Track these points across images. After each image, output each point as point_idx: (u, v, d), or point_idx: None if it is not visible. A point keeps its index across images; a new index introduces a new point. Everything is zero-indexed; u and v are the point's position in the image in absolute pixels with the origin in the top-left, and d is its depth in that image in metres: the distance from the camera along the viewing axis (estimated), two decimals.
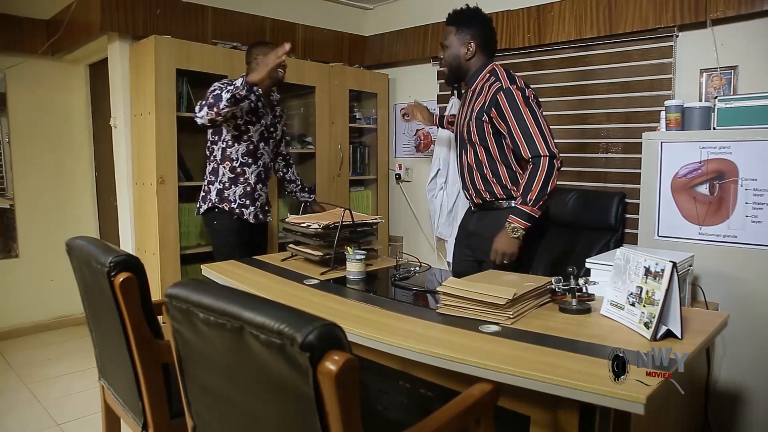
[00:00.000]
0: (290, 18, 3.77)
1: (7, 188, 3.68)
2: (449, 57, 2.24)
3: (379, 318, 1.55)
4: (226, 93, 2.34)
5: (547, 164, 2.01)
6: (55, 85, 3.81)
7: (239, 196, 2.71)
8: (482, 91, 2.15)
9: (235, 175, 2.71)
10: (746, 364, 2.21)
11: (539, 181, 2.01)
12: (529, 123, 2.03)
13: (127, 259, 1.45)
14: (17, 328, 3.73)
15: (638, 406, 1.02)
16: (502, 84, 2.09)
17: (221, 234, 2.74)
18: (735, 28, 2.63)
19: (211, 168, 2.76)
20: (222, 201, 2.71)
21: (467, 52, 2.20)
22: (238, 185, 2.71)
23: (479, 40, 2.19)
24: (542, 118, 2.07)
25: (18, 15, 3.50)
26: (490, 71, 2.18)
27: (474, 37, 2.19)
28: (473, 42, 2.18)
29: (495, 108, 2.08)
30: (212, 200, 2.71)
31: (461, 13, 2.24)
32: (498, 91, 2.07)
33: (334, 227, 2.11)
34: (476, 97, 2.18)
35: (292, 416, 0.93)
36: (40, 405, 2.71)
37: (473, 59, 2.20)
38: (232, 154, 2.71)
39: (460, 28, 2.21)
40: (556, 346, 1.28)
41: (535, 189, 2.01)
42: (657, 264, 1.34)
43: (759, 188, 2.14)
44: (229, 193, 2.71)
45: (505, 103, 2.06)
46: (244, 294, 1.02)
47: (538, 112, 2.07)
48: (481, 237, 2.20)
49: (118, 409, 1.72)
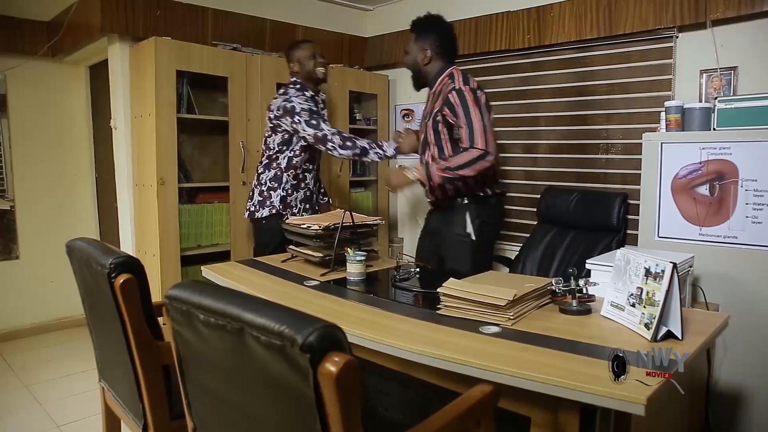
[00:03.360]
0: (290, 19, 3.77)
1: (8, 190, 3.69)
2: (409, 62, 2.45)
3: (379, 319, 1.55)
4: (374, 155, 2.63)
5: (475, 154, 2.17)
6: (56, 86, 3.82)
7: (300, 201, 2.84)
8: (440, 94, 2.32)
9: (297, 181, 2.83)
10: (747, 364, 2.20)
11: (463, 159, 2.18)
12: (475, 121, 2.21)
13: (127, 260, 1.45)
14: (17, 329, 3.73)
15: (639, 407, 1.02)
16: (455, 85, 2.27)
17: (269, 233, 2.81)
18: (735, 28, 2.62)
19: (272, 175, 2.82)
20: (285, 207, 2.81)
21: (424, 57, 2.38)
22: (299, 191, 2.84)
23: (436, 46, 2.37)
24: (488, 120, 2.25)
25: (18, 17, 3.50)
26: (448, 75, 2.35)
27: (431, 43, 2.37)
28: (429, 49, 2.37)
29: (447, 106, 2.26)
30: (276, 206, 2.80)
31: (420, 21, 2.43)
32: (451, 90, 2.26)
33: (334, 228, 2.11)
34: (435, 99, 2.36)
35: (293, 417, 0.93)
36: (41, 406, 2.71)
37: (431, 64, 2.39)
38: (297, 162, 2.81)
39: (418, 35, 2.41)
40: (556, 347, 1.28)
41: (454, 162, 2.20)
42: (657, 265, 1.34)
43: (759, 189, 2.14)
44: (291, 200, 2.82)
45: (457, 101, 2.24)
46: (245, 295, 1.02)
47: (486, 114, 2.24)
48: (440, 236, 2.42)
49: (118, 410, 1.72)
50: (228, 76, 3.21)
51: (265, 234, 2.86)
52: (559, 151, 3.29)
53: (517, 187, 3.49)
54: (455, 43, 2.47)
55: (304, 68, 2.80)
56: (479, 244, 2.35)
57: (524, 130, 3.43)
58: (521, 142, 3.45)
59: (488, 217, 2.39)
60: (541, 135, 3.37)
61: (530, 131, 3.41)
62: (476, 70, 3.61)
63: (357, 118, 4.13)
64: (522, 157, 3.45)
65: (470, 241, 2.34)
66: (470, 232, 2.34)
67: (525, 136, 3.44)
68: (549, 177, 3.33)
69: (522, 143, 3.45)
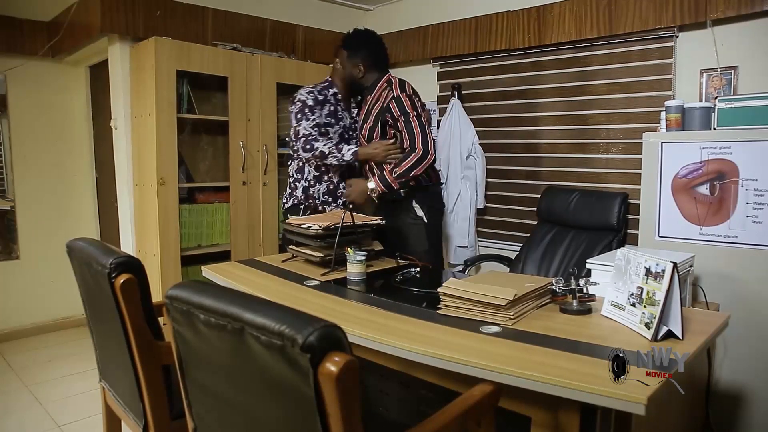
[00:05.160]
0: (290, 19, 3.77)
1: (8, 190, 3.69)
2: (343, 75, 2.73)
3: (379, 319, 1.55)
4: (332, 159, 2.68)
5: (418, 156, 2.50)
6: (56, 86, 3.82)
7: (323, 194, 2.84)
8: (380, 99, 2.62)
9: (320, 173, 2.83)
10: (747, 364, 2.20)
11: (408, 163, 2.50)
12: (414, 124, 2.54)
13: (127, 260, 1.45)
14: (18, 329, 3.73)
15: (639, 406, 1.02)
16: (394, 93, 2.57)
17: None
18: (735, 28, 2.62)
19: (296, 167, 2.87)
20: (307, 198, 2.84)
21: (359, 72, 2.68)
22: (322, 183, 2.84)
23: (369, 60, 2.66)
24: (425, 121, 2.57)
25: (19, 17, 3.51)
26: (386, 81, 2.65)
27: (363, 59, 2.66)
28: (362, 64, 2.66)
29: (388, 113, 2.58)
30: (298, 197, 2.85)
31: (351, 37, 2.70)
32: (390, 99, 2.57)
33: (334, 228, 2.11)
34: (374, 103, 2.65)
35: (293, 417, 0.93)
36: (41, 407, 2.72)
37: (366, 76, 2.68)
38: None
39: (350, 52, 2.67)
40: (557, 346, 1.28)
41: (402, 167, 2.51)
42: (657, 264, 1.34)
43: (759, 188, 2.14)
44: (314, 191, 2.84)
45: (396, 108, 2.56)
46: (245, 295, 1.02)
47: (422, 116, 2.57)
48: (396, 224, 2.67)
49: (118, 410, 1.72)
50: (228, 76, 3.21)
51: None
52: (559, 151, 3.28)
53: (517, 186, 3.49)
54: (386, 54, 2.74)
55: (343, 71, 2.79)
56: (432, 225, 2.72)
57: (524, 130, 3.43)
58: (521, 141, 3.45)
59: (434, 203, 2.77)
60: (541, 135, 3.36)
61: (530, 131, 3.41)
62: (476, 70, 3.61)
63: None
64: (522, 157, 3.45)
65: (423, 224, 2.69)
66: (422, 215, 2.68)
67: (525, 136, 3.43)
68: (549, 176, 3.33)
69: (522, 143, 3.45)
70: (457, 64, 3.73)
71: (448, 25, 3.68)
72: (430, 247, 2.69)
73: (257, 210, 3.37)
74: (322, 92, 2.79)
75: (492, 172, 3.56)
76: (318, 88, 2.80)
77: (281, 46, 3.67)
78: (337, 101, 2.84)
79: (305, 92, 2.76)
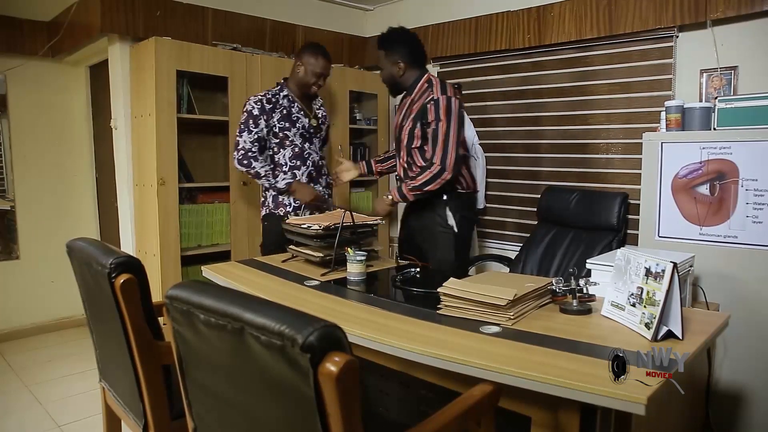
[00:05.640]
0: (290, 19, 3.77)
1: (8, 190, 3.69)
2: (386, 77, 2.59)
3: (379, 319, 1.55)
4: (265, 181, 2.73)
5: (434, 171, 2.38)
6: (56, 86, 3.82)
7: (293, 199, 2.80)
8: (419, 99, 2.47)
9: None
10: (747, 364, 2.20)
11: (424, 179, 2.39)
12: (441, 134, 2.37)
13: (127, 260, 1.45)
14: (18, 329, 3.73)
15: (639, 406, 1.02)
16: (434, 95, 2.41)
17: (270, 234, 2.84)
18: (735, 28, 2.62)
19: None
20: (277, 206, 2.81)
21: (399, 70, 2.53)
22: None
23: (407, 57, 2.52)
24: (454, 132, 2.38)
25: (19, 17, 3.51)
26: (426, 81, 2.50)
27: (402, 57, 2.51)
28: (401, 61, 2.51)
29: (425, 115, 2.42)
30: (269, 206, 2.83)
31: (386, 37, 2.57)
32: (429, 100, 2.41)
33: (334, 228, 2.11)
34: (413, 104, 2.50)
35: (293, 417, 0.93)
36: (41, 406, 2.72)
37: (406, 74, 2.53)
38: (280, 159, 2.81)
39: (387, 51, 2.55)
40: (556, 346, 1.28)
41: (418, 181, 2.41)
42: (657, 264, 1.34)
43: (759, 188, 2.14)
44: (283, 198, 2.81)
45: (432, 111, 2.39)
46: (245, 295, 1.02)
47: (453, 125, 2.38)
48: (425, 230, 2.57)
49: (118, 410, 1.72)
50: (228, 76, 3.20)
51: (265, 234, 2.90)
52: (560, 151, 3.29)
53: (517, 186, 3.49)
54: (423, 50, 2.61)
55: (304, 76, 2.80)
56: (461, 236, 2.54)
57: (524, 130, 3.43)
58: (521, 141, 3.45)
59: (466, 211, 2.60)
60: (542, 135, 3.37)
61: (530, 131, 3.41)
62: (476, 70, 3.62)
63: (357, 118, 4.13)
64: (522, 157, 3.45)
65: (453, 233, 2.52)
66: (452, 224, 2.52)
67: (525, 136, 3.44)
68: (549, 177, 3.33)
69: (522, 143, 3.45)
70: (457, 64, 3.73)
71: (448, 25, 3.68)
72: (456, 259, 2.52)
73: (257, 210, 3.36)
74: (272, 98, 2.77)
75: (492, 172, 3.56)
76: (268, 95, 2.78)
77: (281, 46, 3.67)
78: (291, 103, 2.82)
79: (253, 101, 2.74)
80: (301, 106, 2.86)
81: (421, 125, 2.43)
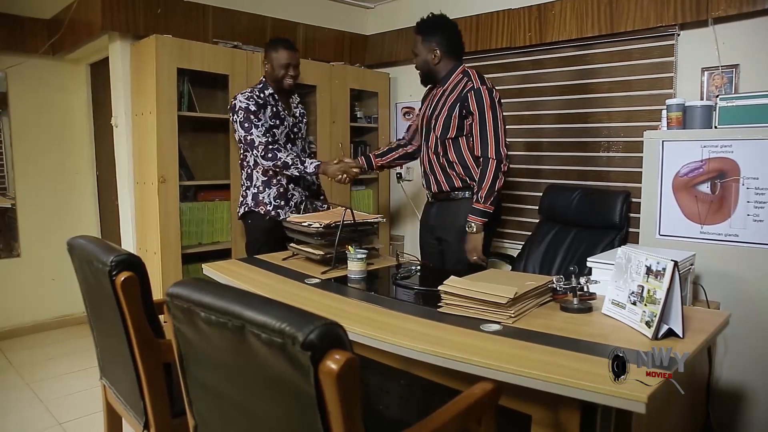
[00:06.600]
0: (291, 17, 3.76)
1: (9, 188, 3.69)
2: (420, 63, 2.50)
3: (380, 317, 1.55)
4: (294, 170, 2.67)
5: (493, 167, 2.30)
6: (56, 84, 3.82)
7: (274, 198, 2.80)
8: (455, 90, 2.40)
9: (268, 177, 2.80)
10: (748, 363, 2.20)
11: (487, 182, 2.31)
12: (488, 124, 2.32)
13: (128, 258, 1.45)
14: (19, 327, 3.74)
15: (640, 405, 1.02)
16: (473, 84, 2.35)
17: (254, 233, 2.84)
18: (736, 26, 2.62)
19: (245, 174, 2.85)
20: (258, 204, 2.80)
21: (434, 57, 2.45)
22: (271, 187, 2.80)
23: (444, 45, 2.44)
24: (501, 122, 2.34)
25: (19, 15, 3.50)
26: (462, 72, 2.43)
27: (439, 43, 2.43)
28: (438, 49, 2.43)
29: (464, 105, 2.34)
30: (248, 204, 2.82)
31: (425, 22, 2.50)
32: (469, 90, 2.34)
33: (335, 226, 2.11)
34: (448, 95, 2.42)
35: (293, 415, 0.93)
36: (42, 404, 2.72)
37: (441, 63, 2.45)
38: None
39: (425, 36, 2.47)
40: (557, 345, 1.28)
41: (484, 188, 2.31)
42: (658, 263, 1.34)
43: (760, 187, 2.13)
44: (264, 196, 2.80)
45: (473, 101, 2.33)
46: (246, 293, 1.02)
47: (499, 115, 2.34)
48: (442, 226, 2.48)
49: (119, 408, 1.72)
50: (229, 74, 3.20)
51: (248, 233, 2.89)
52: (561, 149, 3.28)
53: (518, 185, 3.48)
54: (461, 41, 2.52)
55: (273, 72, 2.80)
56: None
57: (525, 128, 3.43)
58: (522, 140, 3.45)
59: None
60: (543, 133, 3.36)
61: (531, 129, 3.41)
62: (477, 68, 3.59)
63: (358, 116, 4.13)
64: (523, 155, 3.45)
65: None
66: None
67: (526, 134, 3.43)
68: (551, 175, 3.33)
69: (523, 141, 3.45)
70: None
71: None
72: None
73: None
74: (260, 95, 2.77)
75: None
76: (255, 92, 2.77)
77: None
78: (276, 101, 2.82)
79: (244, 98, 2.71)
80: (284, 105, 2.87)
81: (460, 115, 2.35)
